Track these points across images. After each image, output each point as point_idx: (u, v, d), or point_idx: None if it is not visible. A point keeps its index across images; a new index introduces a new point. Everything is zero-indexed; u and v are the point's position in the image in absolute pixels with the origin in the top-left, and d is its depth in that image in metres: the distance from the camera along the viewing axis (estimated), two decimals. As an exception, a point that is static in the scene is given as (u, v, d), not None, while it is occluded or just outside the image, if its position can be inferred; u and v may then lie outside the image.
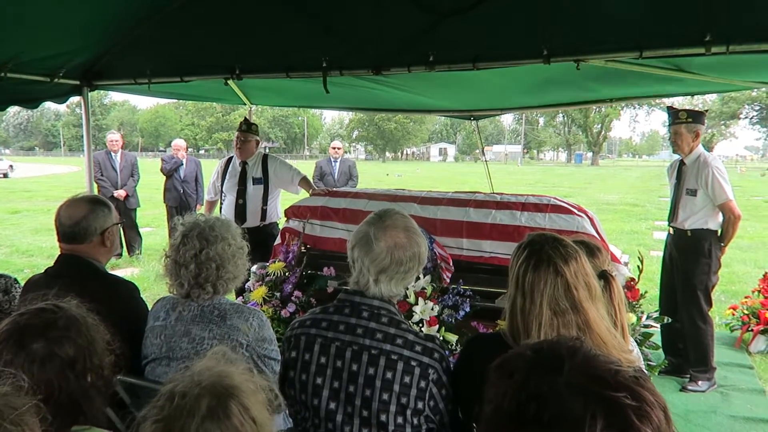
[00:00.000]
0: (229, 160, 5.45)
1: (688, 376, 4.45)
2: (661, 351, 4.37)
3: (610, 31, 3.01)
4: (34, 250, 9.77)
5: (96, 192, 7.38)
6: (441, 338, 3.29)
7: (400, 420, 1.71)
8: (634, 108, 68.51)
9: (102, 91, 4.96)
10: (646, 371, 2.59)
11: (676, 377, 4.53)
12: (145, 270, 8.16)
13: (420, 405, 1.71)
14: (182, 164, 8.77)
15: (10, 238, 11.16)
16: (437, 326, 3.33)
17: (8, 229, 12.33)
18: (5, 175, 31.59)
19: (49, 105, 4.76)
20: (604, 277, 1.86)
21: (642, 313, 3.69)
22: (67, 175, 33.25)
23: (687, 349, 4.46)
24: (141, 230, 9.31)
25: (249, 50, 3.86)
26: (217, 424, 1.04)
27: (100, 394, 1.37)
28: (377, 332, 1.76)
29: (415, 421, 1.72)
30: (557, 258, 1.55)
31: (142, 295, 2.49)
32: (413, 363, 1.72)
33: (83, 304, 1.45)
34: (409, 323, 1.84)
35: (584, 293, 1.53)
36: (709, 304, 4.38)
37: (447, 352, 1.78)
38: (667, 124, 4.43)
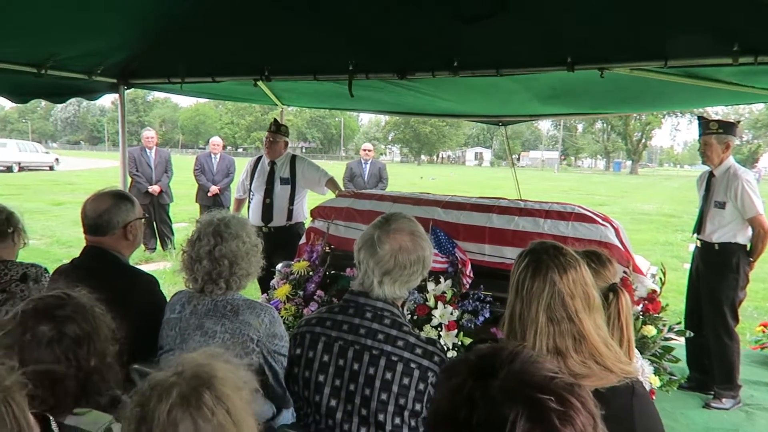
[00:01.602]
0: (259, 159, 5.56)
1: (713, 392, 4.35)
2: (680, 365, 4.27)
3: (634, 40, 2.98)
4: (73, 241, 10.06)
5: (129, 187, 7.62)
6: (459, 342, 3.30)
7: (397, 421, 1.73)
8: (676, 116, 66.57)
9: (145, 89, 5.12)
10: (648, 385, 2.54)
11: (701, 393, 4.41)
12: (177, 264, 8.33)
13: (418, 407, 1.73)
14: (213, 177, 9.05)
15: (51, 228, 11.55)
16: (456, 331, 3.33)
17: (51, 220, 12.74)
18: (51, 168, 32.66)
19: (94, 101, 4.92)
20: (613, 290, 1.85)
21: (663, 326, 3.62)
22: (110, 170, 34.13)
23: (712, 365, 4.35)
24: (177, 225, 9.53)
25: (278, 52, 3.94)
26: (188, 412, 1.06)
27: (102, 380, 1.44)
28: (379, 333, 1.79)
29: (413, 422, 1.74)
30: (555, 267, 1.56)
31: (171, 288, 2.57)
32: (413, 365, 1.75)
33: (94, 293, 1.52)
34: (411, 326, 1.87)
35: (581, 303, 1.53)
36: (736, 320, 4.27)
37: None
38: (698, 134, 4.34)
